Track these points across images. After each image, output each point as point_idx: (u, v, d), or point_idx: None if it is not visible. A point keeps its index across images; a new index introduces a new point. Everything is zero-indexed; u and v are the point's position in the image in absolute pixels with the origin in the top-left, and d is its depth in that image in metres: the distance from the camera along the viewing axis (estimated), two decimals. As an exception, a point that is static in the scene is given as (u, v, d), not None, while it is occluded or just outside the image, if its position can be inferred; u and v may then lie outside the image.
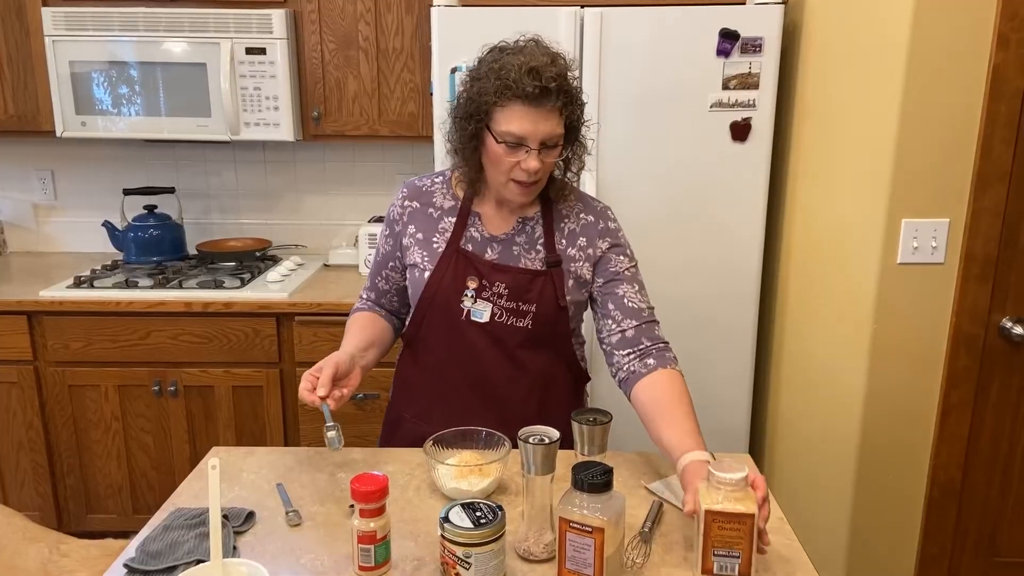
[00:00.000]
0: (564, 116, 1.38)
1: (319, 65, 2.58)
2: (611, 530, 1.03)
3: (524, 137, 1.35)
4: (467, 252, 1.48)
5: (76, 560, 1.50)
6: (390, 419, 1.66)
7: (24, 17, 2.54)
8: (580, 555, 1.05)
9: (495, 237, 1.50)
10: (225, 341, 2.46)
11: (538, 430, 1.18)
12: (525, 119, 1.34)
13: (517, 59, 1.33)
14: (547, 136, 1.35)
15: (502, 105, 1.34)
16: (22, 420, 2.52)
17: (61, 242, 3.08)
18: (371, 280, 1.64)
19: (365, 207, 3.01)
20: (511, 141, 1.35)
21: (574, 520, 1.04)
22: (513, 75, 1.32)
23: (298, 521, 1.27)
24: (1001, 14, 1.80)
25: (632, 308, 1.48)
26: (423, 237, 1.52)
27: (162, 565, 1.14)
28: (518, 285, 1.46)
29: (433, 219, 1.53)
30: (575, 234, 1.51)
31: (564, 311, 1.49)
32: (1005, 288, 1.98)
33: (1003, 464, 2.11)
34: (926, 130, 1.90)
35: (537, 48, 1.37)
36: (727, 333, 2.38)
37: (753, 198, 2.30)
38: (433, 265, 1.49)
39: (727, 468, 1.06)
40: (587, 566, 1.05)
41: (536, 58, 1.33)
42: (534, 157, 1.36)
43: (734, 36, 2.18)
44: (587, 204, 1.55)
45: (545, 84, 1.31)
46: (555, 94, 1.33)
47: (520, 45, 1.39)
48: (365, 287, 1.66)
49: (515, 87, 1.32)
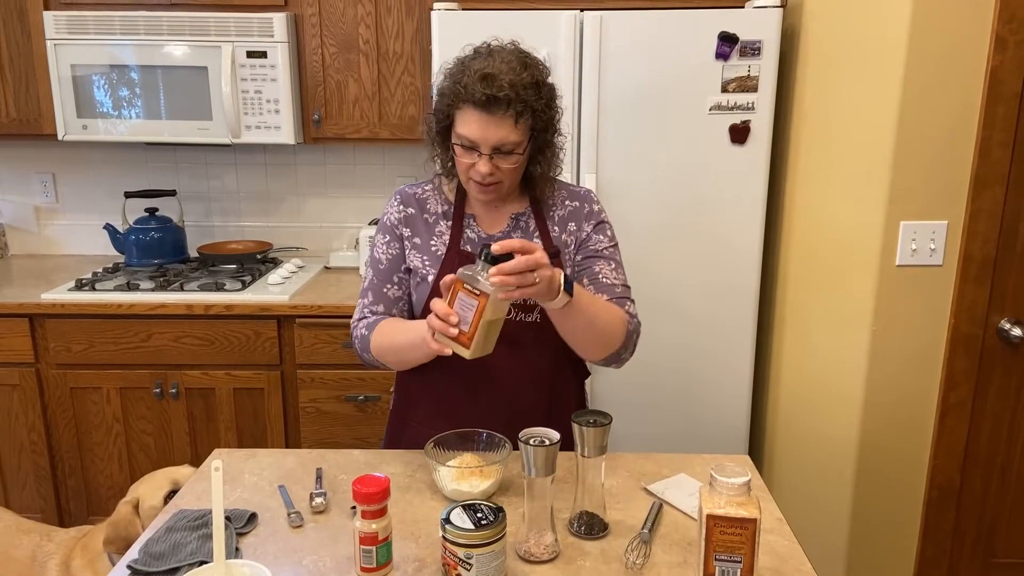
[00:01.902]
0: (522, 124, 1.36)
1: (320, 68, 2.59)
2: (495, 303, 1.20)
3: (475, 142, 1.36)
4: (468, 253, 1.50)
5: (56, 543, 1.69)
6: (394, 425, 1.65)
7: (26, 20, 2.55)
8: (463, 313, 1.24)
9: (492, 236, 1.52)
10: (226, 343, 2.47)
11: (538, 432, 1.19)
12: (476, 124, 1.35)
13: (477, 64, 1.35)
14: (499, 142, 1.36)
15: (458, 108, 1.37)
16: (24, 422, 2.53)
17: (62, 245, 3.09)
18: (375, 293, 1.54)
19: (365, 210, 3.02)
20: (465, 144, 1.38)
21: (467, 282, 1.23)
22: (466, 80, 1.34)
23: (300, 523, 1.28)
24: (999, 16, 1.81)
25: (605, 284, 1.50)
26: (421, 242, 1.53)
27: (165, 566, 1.14)
28: None
29: (429, 224, 1.54)
30: (564, 220, 1.54)
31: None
32: (1003, 289, 1.99)
33: (1001, 465, 2.12)
34: (924, 132, 1.91)
35: (505, 54, 1.38)
36: (727, 334, 2.39)
37: (752, 200, 2.30)
38: (436, 269, 1.50)
39: (729, 473, 1.06)
40: (466, 324, 1.23)
41: (495, 65, 1.34)
42: (484, 162, 1.37)
43: (733, 39, 2.19)
44: (570, 191, 1.58)
45: (495, 92, 1.32)
46: (507, 103, 1.33)
47: (492, 48, 1.40)
48: (366, 304, 1.54)
49: (465, 92, 1.34)
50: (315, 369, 2.48)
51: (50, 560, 1.64)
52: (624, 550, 1.20)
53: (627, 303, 1.52)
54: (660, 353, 2.40)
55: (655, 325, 2.37)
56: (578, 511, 1.26)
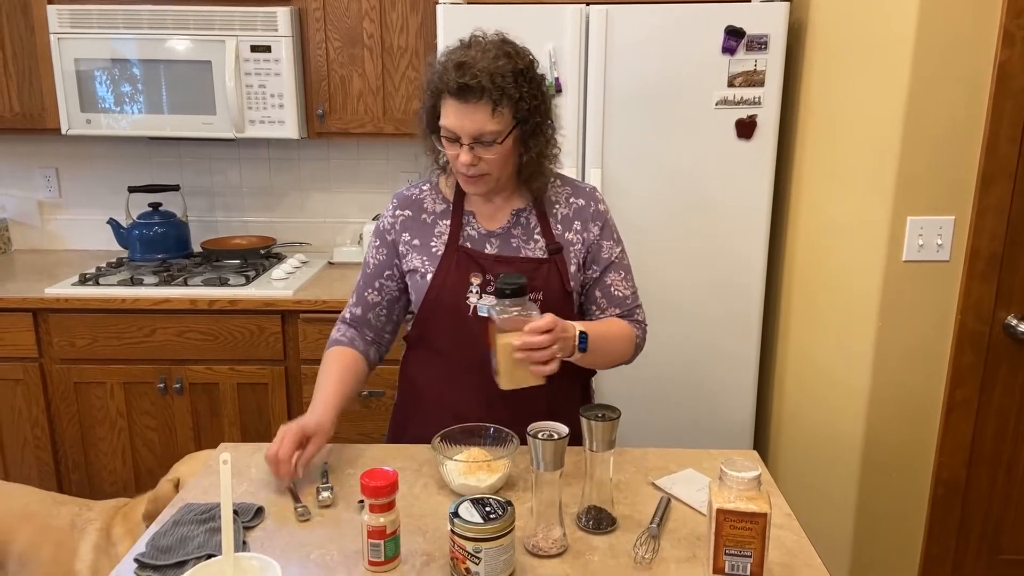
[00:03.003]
0: (500, 114, 1.35)
1: (324, 63, 2.58)
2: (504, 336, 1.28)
3: (454, 132, 1.37)
4: (467, 249, 1.49)
5: (97, 512, 1.71)
6: (397, 423, 1.65)
7: (29, 15, 2.54)
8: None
9: (492, 232, 1.51)
10: (230, 338, 2.46)
11: (547, 426, 1.18)
12: (453, 114, 1.36)
13: (456, 54, 1.36)
14: (477, 132, 1.35)
15: (441, 99, 1.38)
16: (28, 417, 2.53)
17: (66, 240, 3.09)
18: (358, 295, 1.60)
19: (369, 205, 3.01)
20: (447, 135, 1.39)
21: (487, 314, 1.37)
22: (441, 69, 1.35)
23: (307, 516, 1.27)
24: (1007, 11, 1.81)
25: (617, 296, 1.54)
26: (420, 243, 1.52)
27: (172, 560, 1.14)
28: (525, 274, 1.46)
29: (427, 224, 1.53)
30: (569, 218, 1.53)
31: (570, 296, 1.51)
32: (1010, 285, 1.98)
33: (1007, 462, 2.11)
34: (931, 127, 1.90)
35: (485, 43, 1.38)
36: (732, 329, 2.39)
37: (758, 195, 2.30)
38: (435, 267, 1.49)
39: (739, 467, 1.06)
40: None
41: (471, 54, 1.34)
42: (465, 152, 1.38)
43: (739, 34, 2.18)
44: (575, 187, 1.57)
45: (468, 81, 1.31)
46: (483, 91, 1.32)
47: (473, 39, 1.40)
48: (349, 304, 1.62)
49: (439, 81, 1.36)
50: (319, 364, 2.47)
51: (90, 526, 1.67)
52: (632, 545, 1.20)
53: (636, 312, 1.56)
54: (665, 348, 2.39)
55: (661, 320, 2.37)
56: (586, 506, 1.26)
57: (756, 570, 1.06)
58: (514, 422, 1.38)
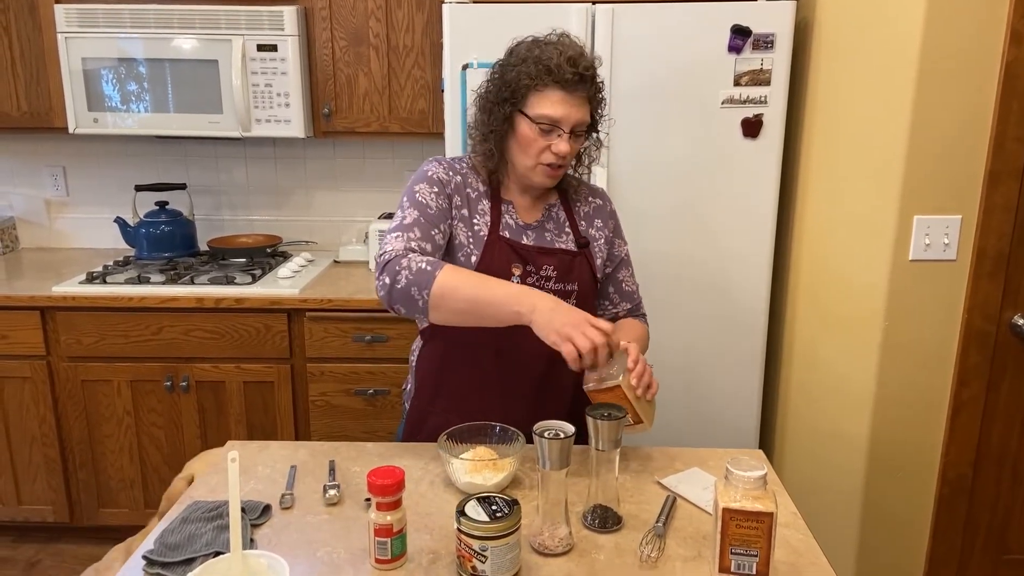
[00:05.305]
0: (591, 107, 1.46)
1: (330, 62, 2.59)
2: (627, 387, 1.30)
3: (559, 120, 1.41)
4: (508, 239, 1.49)
5: None
6: (414, 417, 1.61)
7: (37, 14, 2.55)
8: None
9: (528, 224, 1.53)
10: (236, 337, 2.47)
11: (553, 425, 1.19)
12: (561, 104, 1.41)
13: (555, 48, 1.42)
14: (578, 122, 1.43)
15: (539, 90, 1.41)
16: (35, 415, 2.54)
17: (73, 238, 3.10)
18: (423, 231, 1.42)
19: (375, 203, 3.02)
20: (545, 125, 1.42)
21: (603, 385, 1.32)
22: (555, 61, 1.40)
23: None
24: (1015, 10, 1.80)
25: (627, 291, 1.67)
26: (467, 214, 1.50)
27: (181, 557, 1.15)
28: (564, 266, 1.52)
29: (472, 199, 1.52)
30: (590, 216, 1.61)
31: (596, 286, 1.60)
32: (1017, 285, 1.98)
33: (1013, 461, 2.11)
34: (938, 126, 1.90)
35: (569, 41, 1.46)
36: (737, 328, 2.38)
37: (764, 194, 2.29)
38: (480, 251, 1.47)
39: (745, 466, 1.06)
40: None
41: (573, 48, 1.43)
42: (565, 140, 1.43)
43: (746, 32, 2.18)
44: (591, 187, 1.66)
45: (582, 72, 1.41)
46: (588, 83, 1.43)
47: (553, 38, 1.46)
48: (414, 237, 1.40)
49: (556, 72, 1.40)
50: (325, 363, 2.49)
51: None
52: (638, 543, 1.20)
53: (641, 306, 1.70)
54: (670, 347, 2.39)
55: (666, 318, 2.37)
56: (592, 504, 1.26)
57: (762, 569, 1.06)
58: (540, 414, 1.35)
